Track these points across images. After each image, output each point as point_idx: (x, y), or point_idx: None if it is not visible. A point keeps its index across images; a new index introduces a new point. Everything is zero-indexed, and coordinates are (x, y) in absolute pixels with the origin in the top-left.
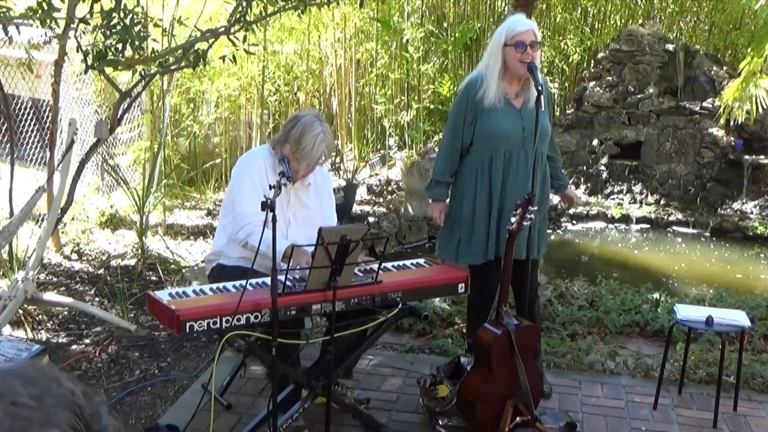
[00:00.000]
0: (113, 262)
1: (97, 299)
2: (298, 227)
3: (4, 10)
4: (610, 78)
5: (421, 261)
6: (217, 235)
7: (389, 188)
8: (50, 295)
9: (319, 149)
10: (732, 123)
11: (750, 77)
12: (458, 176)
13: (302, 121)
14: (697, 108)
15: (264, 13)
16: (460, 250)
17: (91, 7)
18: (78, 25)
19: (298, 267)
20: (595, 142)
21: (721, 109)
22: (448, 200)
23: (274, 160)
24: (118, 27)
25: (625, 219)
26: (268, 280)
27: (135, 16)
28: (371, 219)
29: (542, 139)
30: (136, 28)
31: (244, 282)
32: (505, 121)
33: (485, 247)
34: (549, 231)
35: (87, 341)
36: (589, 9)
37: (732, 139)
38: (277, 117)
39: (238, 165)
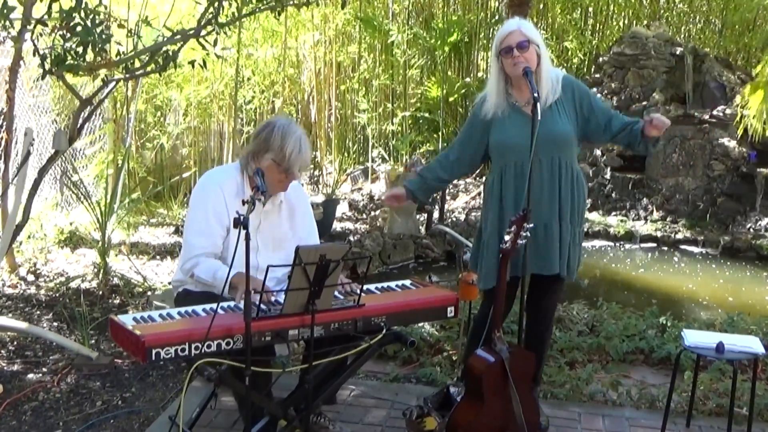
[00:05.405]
0: (73, 284)
1: (55, 324)
2: (268, 252)
3: None
4: (612, 84)
5: (407, 282)
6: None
7: (372, 204)
8: (3, 320)
9: (307, 150)
10: (753, 136)
11: (767, 86)
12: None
13: (278, 126)
14: (707, 116)
15: (237, 14)
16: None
17: (50, 7)
18: (35, 27)
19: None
20: (596, 153)
21: (738, 119)
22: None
23: (237, 186)
24: (79, 28)
25: (629, 237)
26: (240, 303)
27: (97, 17)
28: (353, 237)
29: (557, 146)
30: (99, 30)
31: (214, 305)
32: (511, 131)
33: (496, 268)
34: None
35: (44, 370)
36: (590, 9)
37: (744, 150)
38: (251, 126)
39: (198, 186)
